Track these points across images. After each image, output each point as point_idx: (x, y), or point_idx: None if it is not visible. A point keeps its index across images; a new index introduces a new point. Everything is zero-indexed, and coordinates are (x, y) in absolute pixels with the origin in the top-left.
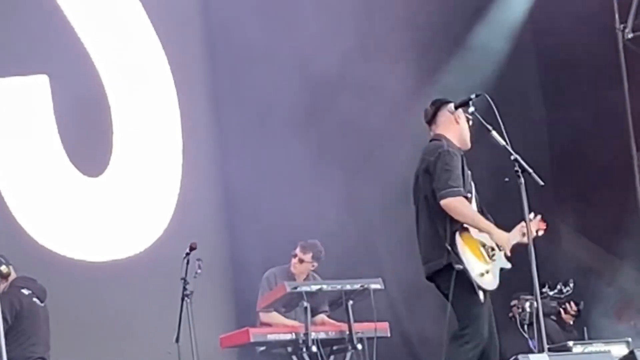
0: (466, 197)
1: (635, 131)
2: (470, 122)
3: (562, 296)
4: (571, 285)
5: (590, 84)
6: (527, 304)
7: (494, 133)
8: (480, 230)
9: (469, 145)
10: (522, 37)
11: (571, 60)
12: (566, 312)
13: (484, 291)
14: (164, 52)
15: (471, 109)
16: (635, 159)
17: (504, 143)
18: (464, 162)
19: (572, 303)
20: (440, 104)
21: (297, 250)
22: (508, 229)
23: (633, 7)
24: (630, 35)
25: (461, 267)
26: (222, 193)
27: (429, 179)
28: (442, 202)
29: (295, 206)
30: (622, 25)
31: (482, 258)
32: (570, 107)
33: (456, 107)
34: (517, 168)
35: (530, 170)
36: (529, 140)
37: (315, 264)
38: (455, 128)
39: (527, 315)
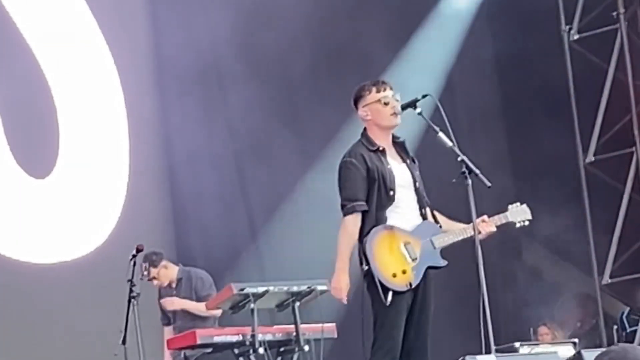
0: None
1: (581, 133)
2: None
3: None
4: None
5: (540, 87)
6: None
7: (441, 134)
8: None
9: (392, 123)
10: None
11: (523, 61)
12: None
13: (396, 292)
14: (110, 52)
15: (418, 110)
16: (581, 162)
17: (451, 144)
18: (384, 156)
19: None
20: (355, 98)
21: (145, 273)
22: None
23: (578, 8)
24: (575, 37)
25: (367, 267)
26: (169, 195)
27: None
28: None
29: (241, 210)
30: (567, 27)
31: (401, 257)
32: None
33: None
34: (464, 169)
35: (478, 172)
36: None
37: (157, 266)
38: (369, 123)
39: None
